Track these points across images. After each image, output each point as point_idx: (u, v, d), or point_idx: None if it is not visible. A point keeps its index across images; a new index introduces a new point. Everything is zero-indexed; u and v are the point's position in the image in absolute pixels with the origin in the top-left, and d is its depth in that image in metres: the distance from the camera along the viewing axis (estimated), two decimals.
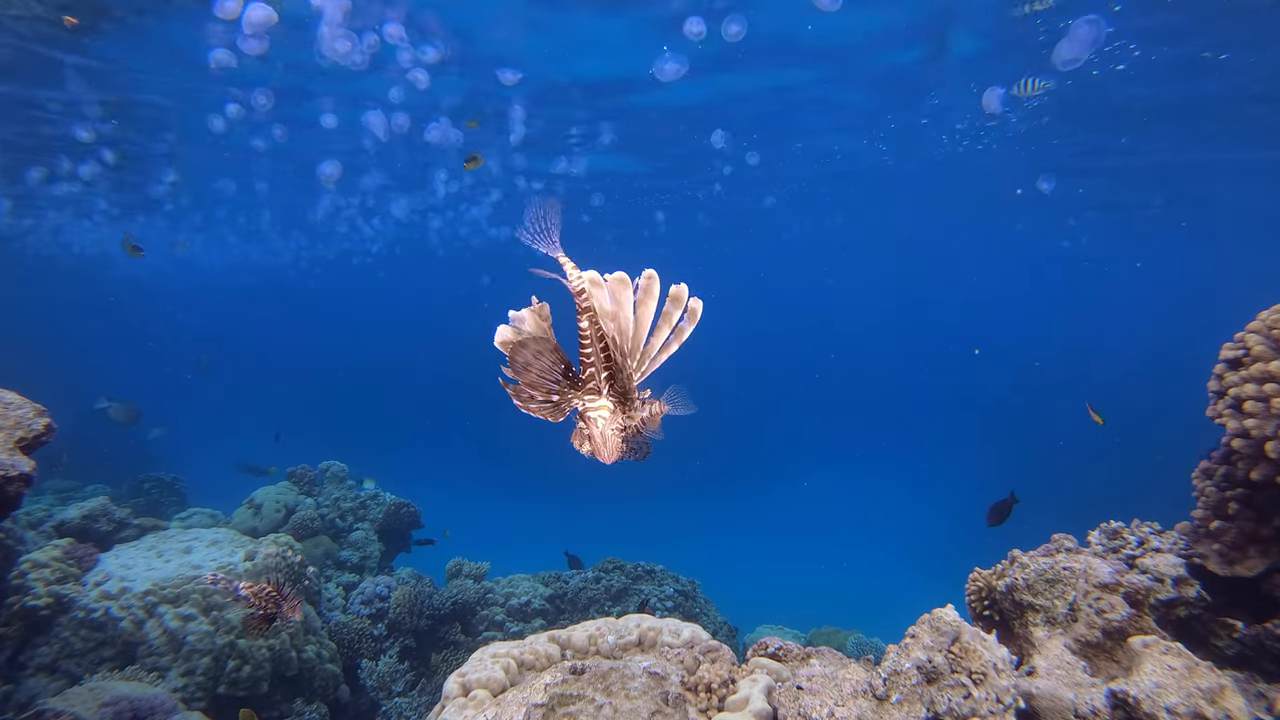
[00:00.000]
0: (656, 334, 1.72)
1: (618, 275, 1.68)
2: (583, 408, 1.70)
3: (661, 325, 1.72)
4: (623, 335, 1.68)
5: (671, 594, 8.16)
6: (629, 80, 10.30)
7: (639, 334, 1.70)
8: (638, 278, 1.70)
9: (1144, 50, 8.63)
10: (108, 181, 15.59)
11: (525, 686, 2.44)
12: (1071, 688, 2.27)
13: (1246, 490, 2.25)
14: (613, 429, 1.70)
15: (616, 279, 1.68)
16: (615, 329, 1.67)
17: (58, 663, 5.09)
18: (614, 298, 1.67)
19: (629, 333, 1.69)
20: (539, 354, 1.64)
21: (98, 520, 7.34)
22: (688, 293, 1.71)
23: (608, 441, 1.70)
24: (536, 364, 1.65)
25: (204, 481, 13.03)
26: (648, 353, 1.72)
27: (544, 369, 1.66)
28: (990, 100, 7.42)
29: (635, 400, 1.70)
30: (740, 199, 18.46)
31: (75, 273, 29.73)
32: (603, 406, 1.69)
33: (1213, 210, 17.98)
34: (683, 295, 1.71)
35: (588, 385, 1.68)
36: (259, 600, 3.33)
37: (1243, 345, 2.24)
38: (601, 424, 1.70)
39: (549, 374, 1.67)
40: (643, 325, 1.69)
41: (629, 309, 1.68)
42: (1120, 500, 4.15)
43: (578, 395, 1.69)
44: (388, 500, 9.51)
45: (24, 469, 3.23)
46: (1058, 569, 2.54)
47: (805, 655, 2.57)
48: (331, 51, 7.02)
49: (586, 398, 1.69)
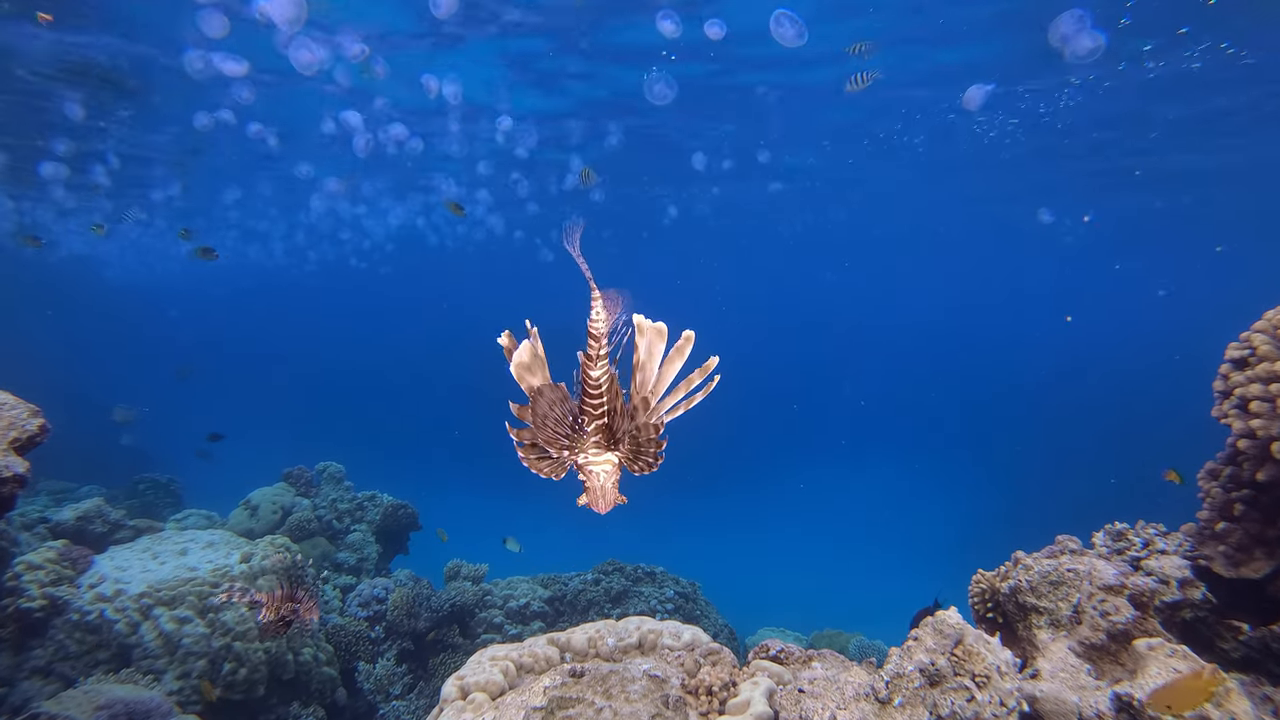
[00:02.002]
0: (671, 395, 1.65)
1: (657, 326, 1.60)
2: (584, 460, 1.64)
3: (679, 388, 1.65)
4: (641, 388, 1.60)
5: (672, 596, 8.13)
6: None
7: (656, 390, 1.62)
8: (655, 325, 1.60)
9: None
10: (112, 185, 15.60)
11: (524, 689, 2.41)
12: (1076, 690, 2.25)
13: (1252, 491, 2.23)
14: (612, 481, 1.65)
15: (655, 330, 1.59)
16: (640, 380, 1.60)
17: (52, 665, 5.05)
18: (649, 349, 1.59)
19: (648, 388, 1.61)
20: (554, 404, 1.57)
21: (93, 522, 7.30)
22: (715, 366, 1.65)
23: (606, 495, 1.65)
24: (552, 415, 1.58)
25: (200, 483, 12.97)
26: (657, 409, 1.65)
27: (558, 420, 1.59)
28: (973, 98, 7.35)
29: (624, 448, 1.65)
30: (743, 189, 18.31)
31: (73, 272, 29.69)
32: (607, 460, 1.64)
33: (1215, 211, 18.00)
34: (710, 367, 1.65)
35: (592, 437, 1.62)
36: (276, 608, 3.31)
37: (1248, 345, 2.22)
38: (603, 477, 1.64)
39: (562, 426, 1.60)
40: (662, 384, 1.62)
41: (656, 364, 1.60)
42: (1125, 502, 4.13)
43: (583, 448, 1.63)
44: (385, 501, 9.46)
45: (18, 470, 3.19)
46: (1062, 571, 2.52)
47: (807, 658, 2.55)
48: (297, 63, 6.99)
49: (590, 451, 1.63)
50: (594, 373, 1.55)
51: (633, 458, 1.65)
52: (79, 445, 12.03)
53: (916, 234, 25.07)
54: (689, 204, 20.01)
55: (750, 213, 21.19)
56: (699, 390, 1.67)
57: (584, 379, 1.57)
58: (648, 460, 1.64)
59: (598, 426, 1.61)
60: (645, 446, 1.62)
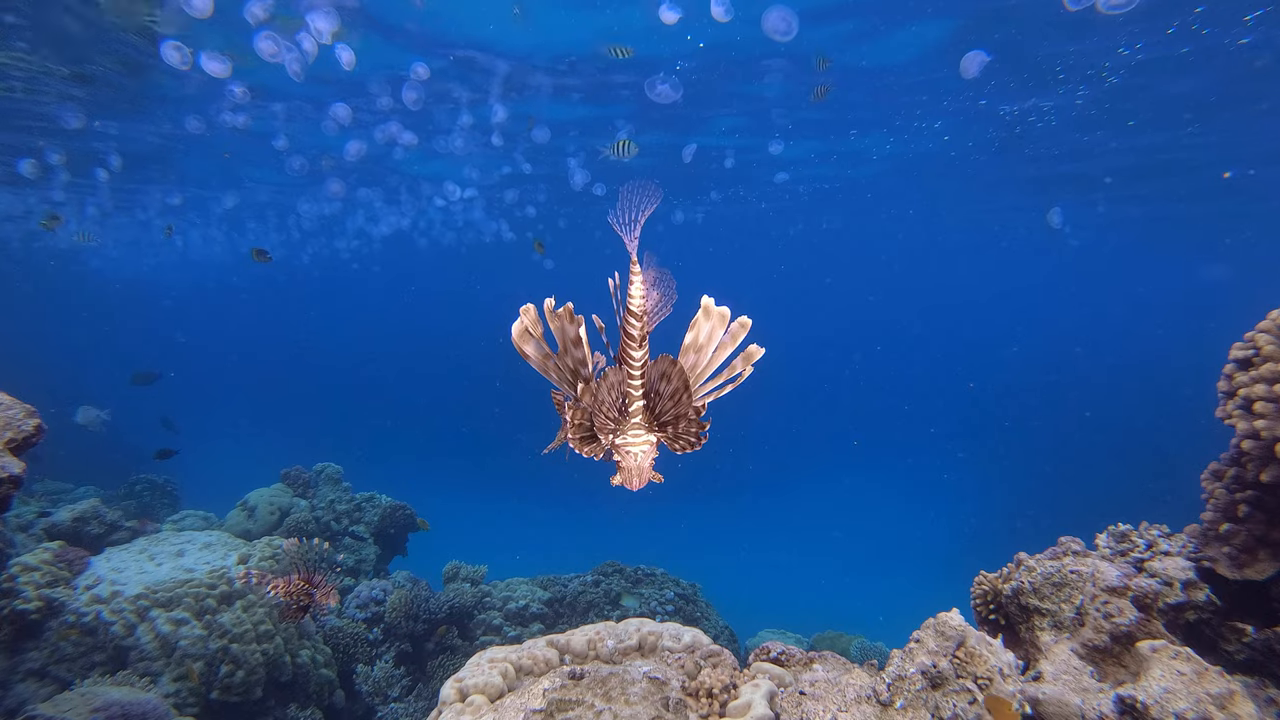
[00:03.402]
0: (713, 380, 1.64)
1: (722, 311, 1.59)
2: (621, 441, 1.62)
3: (722, 374, 1.64)
4: (690, 371, 1.58)
5: (672, 598, 8.11)
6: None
7: (702, 375, 1.61)
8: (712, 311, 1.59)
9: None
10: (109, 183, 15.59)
11: (523, 692, 2.39)
12: (1079, 693, 2.23)
13: (1257, 492, 2.21)
14: (649, 461, 1.64)
15: (720, 314, 1.58)
16: (691, 362, 1.58)
17: (48, 668, 5.02)
18: (710, 335, 1.58)
19: (696, 371, 1.60)
20: (612, 388, 1.55)
21: (89, 523, 7.27)
22: (758, 355, 1.64)
23: (641, 474, 1.63)
24: (607, 399, 1.55)
25: (197, 483, 12.94)
26: (696, 392, 1.64)
27: (609, 404, 1.57)
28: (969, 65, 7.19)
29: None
30: (744, 190, 18.25)
31: (69, 271, 29.62)
32: (646, 440, 1.62)
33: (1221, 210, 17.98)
34: (754, 356, 1.64)
35: (633, 419, 1.60)
36: (293, 593, 3.29)
37: (1253, 345, 2.21)
38: (640, 457, 1.62)
39: (612, 409, 1.58)
40: (710, 368, 1.61)
41: (712, 349, 1.59)
42: (1128, 503, 4.12)
43: (624, 429, 1.61)
44: (384, 503, 9.44)
45: (13, 471, 3.17)
46: (1065, 572, 2.51)
47: (808, 660, 2.53)
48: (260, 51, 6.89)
49: (630, 432, 1.61)
50: (636, 353, 1.52)
51: (673, 438, 1.62)
52: (76, 446, 12.00)
53: (916, 234, 25.08)
54: (691, 209, 19.99)
55: (749, 218, 21.19)
56: (735, 379, 1.65)
57: (625, 359, 1.53)
58: (690, 440, 1.61)
59: (639, 408, 1.58)
60: (687, 427, 1.59)
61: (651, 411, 1.59)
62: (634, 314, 1.49)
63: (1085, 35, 8.49)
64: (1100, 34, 8.41)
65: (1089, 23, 7.93)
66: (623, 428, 1.61)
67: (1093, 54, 9.00)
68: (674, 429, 1.61)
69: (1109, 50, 8.82)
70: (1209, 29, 8.12)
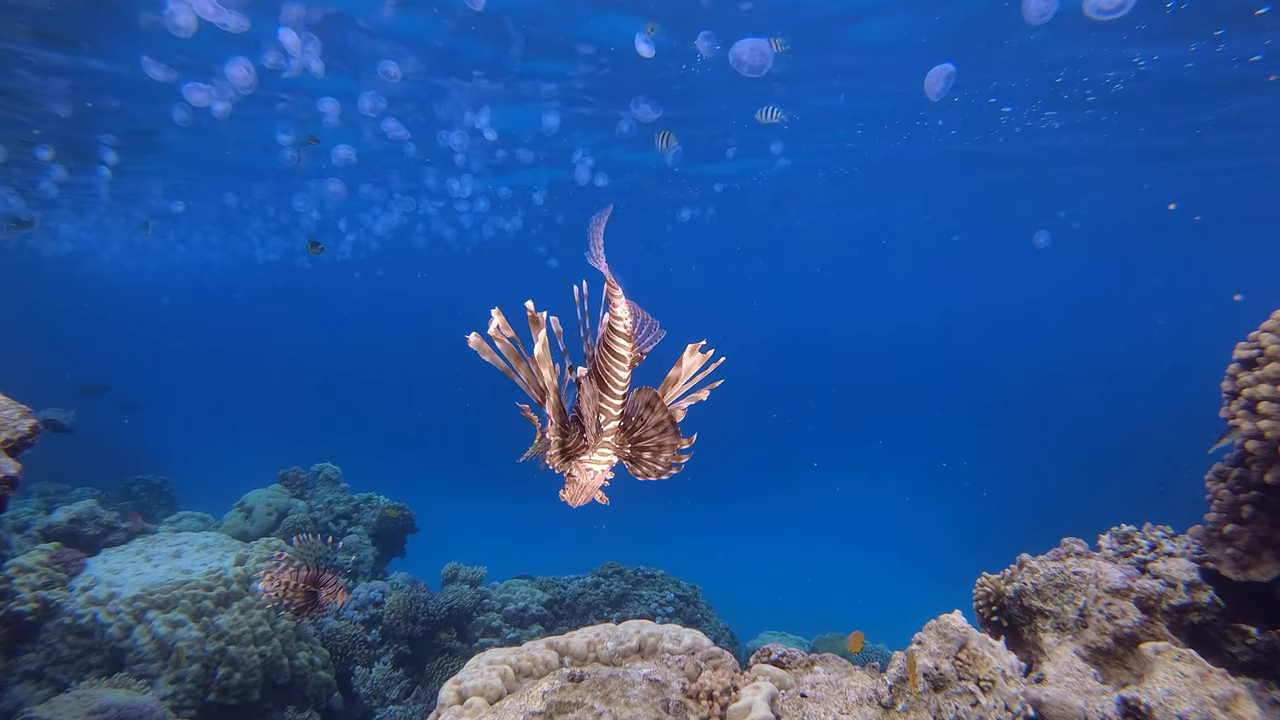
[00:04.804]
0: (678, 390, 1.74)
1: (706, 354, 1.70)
2: (586, 457, 1.64)
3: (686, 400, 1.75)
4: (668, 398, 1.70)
5: (672, 599, 8.09)
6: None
7: (673, 395, 1.72)
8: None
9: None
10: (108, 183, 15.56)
11: (523, 694, 2.38)
12: (1082, 695, 2.21)
13: (1261, 493, 2.20)
14: (600, 481, 1.68)
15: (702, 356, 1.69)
16: (672, 393, 1.69)
17: (44, 670, 4.99)
18: (689, 370, 1.69)
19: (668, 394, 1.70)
20: (589, 404, 1.57)
21: (85, 524, 7.24)
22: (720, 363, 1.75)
23: (587, 493, 1.66)
24: (589, 414, 1.58)
25: (194, 484, 12.90)
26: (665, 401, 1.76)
27: (590, 420, 1.60)
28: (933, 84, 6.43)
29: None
30: (742, 185, 18.20)
31: (67, 271, 29.58)
32: (608, 461, 1.64)
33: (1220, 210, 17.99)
34: (713, 387, 1.75)
35: (605, 438, 1.61)
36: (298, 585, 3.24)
37: (1257, 345, 2.20)
38: (594, 475, 1.64)
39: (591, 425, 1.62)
40: (680, 391, 1.71)
41: (687, 380, 1.70)
42: (1131, 504, 4.10)
43: (595, 446, 1.62)
44: (382, 504, 9.41)
45: (9, 471, 3.15)
46: (1068, 574, 2.49)
47: (809, 662, 2.52)
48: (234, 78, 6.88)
49: (599, 451, 1.63)
50: (622, 374, 1.51)
51: (635, 462, 1.62)
52: (72, 446, 11.95)
53: (916, 235, 25.08)
54: (693, 205, 19.96)
55: (748, 211, 21.09)
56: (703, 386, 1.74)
57: (607, 378, 1.52)
58: (658, 468, 1.62)
59: (614, 428, 1.57)
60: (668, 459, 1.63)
61: (628, 434, 1.59)
62: (621, 335, 1.47)
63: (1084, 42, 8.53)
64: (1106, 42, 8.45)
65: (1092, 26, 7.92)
66: (593, 446, 1.61)
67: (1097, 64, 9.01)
68: (651, 455, 1.63)
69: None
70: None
